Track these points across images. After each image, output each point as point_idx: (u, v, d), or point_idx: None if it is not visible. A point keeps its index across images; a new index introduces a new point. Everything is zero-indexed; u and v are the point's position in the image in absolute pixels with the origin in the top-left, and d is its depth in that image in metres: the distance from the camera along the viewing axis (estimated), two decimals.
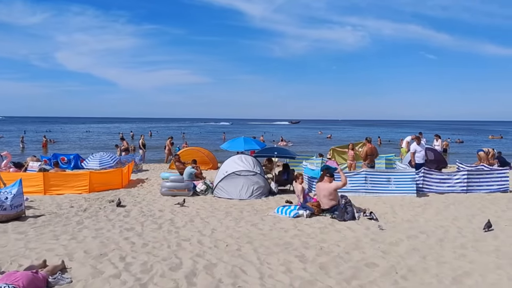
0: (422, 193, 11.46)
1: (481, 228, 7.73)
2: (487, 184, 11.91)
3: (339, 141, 26.65)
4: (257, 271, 5.46)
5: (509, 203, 10.23)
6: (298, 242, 6.77)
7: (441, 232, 7.44)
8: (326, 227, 7.83)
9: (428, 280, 5.17)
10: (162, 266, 5.59)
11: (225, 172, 11.01)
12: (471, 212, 9.15)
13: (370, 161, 12.51)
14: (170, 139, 21.92)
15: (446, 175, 11.92)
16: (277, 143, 35.37)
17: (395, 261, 5.85)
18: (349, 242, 6.80)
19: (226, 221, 8.26)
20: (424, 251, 6.34)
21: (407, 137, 19.51)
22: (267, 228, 7.69)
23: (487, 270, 5.51)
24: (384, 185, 11.23)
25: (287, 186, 12.26)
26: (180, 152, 17.50)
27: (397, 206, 9.76)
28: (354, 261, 5.87)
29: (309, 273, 5.38)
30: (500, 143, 41.89)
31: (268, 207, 9.73)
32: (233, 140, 14.46)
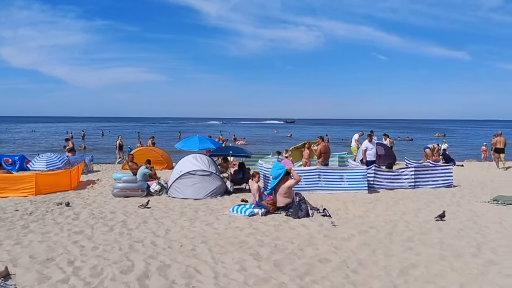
0: (373, 189, 11.86)
1: (427, 221, 8.12)
2: (433, 180, 12.52)
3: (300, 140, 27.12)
4: (212, 271, 5.42)
5: (453, 198, 10.79)
6: (253, 240, 6.80)
7: (390, 227, 7.73)
8: (281, 224, 7.91)
9: (377, 273, 5.35)
10: (113, 270, 5.42)
11: (180, 172, 10.85)
12: (418, 207, 9.57)
13: (323, 159, 12.77)
14: (152, 139, 21.58)
15: (395, 171, 12.40)
16: (231, 142, 35.24)
17: (347, 256, 6.01)
18: (303, 239, 6.91)
19: (180, 221, 8.14)
20: (374, 245, 6.55)
21: (354, 134, 20.17)
22: (222, 227, 7.66)
23: (431, 262, 5.77)
24: (337, 182, 11.51)
25: (243, 185, 12.28)
26: (133, 152, 17.06)
27: (350, 203, 10.03)
28: (307, 257, 5.97)
29: (263, 271, 5.42)
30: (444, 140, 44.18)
31: (223, 206, 9.70)
32: (187, 139, 14.28)
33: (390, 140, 21.24)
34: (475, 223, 8.01)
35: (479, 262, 5.75)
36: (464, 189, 12.21)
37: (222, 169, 13.24)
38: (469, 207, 9.55)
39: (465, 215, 8.71)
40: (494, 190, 12.03)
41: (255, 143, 42.10)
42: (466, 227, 7.71)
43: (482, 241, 6.81)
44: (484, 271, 5.41)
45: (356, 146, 19.55)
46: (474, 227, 7.74)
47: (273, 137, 54.96)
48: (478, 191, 11.87)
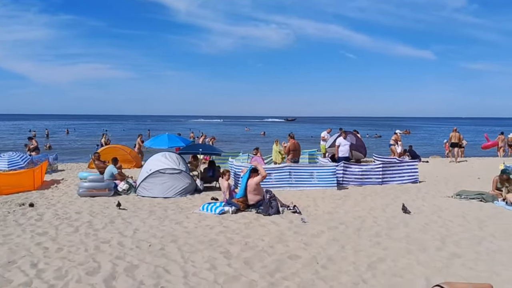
0: (342, 186, 12.03)
1: (394, 216, 8.32)
2: (399, 176, 12.83)
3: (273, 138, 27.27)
4: (181, 270, 5.35)
5: (418, 193, 11.09)
6: (223, 239, 6.75)
7: (358, 222, 7.86)
8: (251, 222, 7.90)
9: (346, 268, 5.42)
10: (78, 271, 5.26)
11: (149, 170, 10.65)
12: (385, 202, 9.78)
13: (293, 156, 12.86)
14: (140, 136, 21.06)
15: (364, 168, 12.62)
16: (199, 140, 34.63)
17: (316, 252, 6.06)
18: (273, 236, 6.92)
19: (149, 221, 8.00)
20: (343, 240, 6.64)
21: (323, 132, 20.45)
22: (192, 226, 7.58)
23: (398, 256, 5.91)
24: (308, 179, 11.61)
25: (213, 183, 12.19)
26: (100, 150, 16.62)
27: (319, 199, 10.13)
28: (277, 254, 5.99)
29: (233, 269, 5.39)
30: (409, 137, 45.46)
31: (193, 204, 9.60)
32: (156, 137, 14.04)
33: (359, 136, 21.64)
34: (440, 217, 8.25)
35: (443, 255, 5.92)
36: (429, 185, 12.57)
37: (192, 167, 13.11)
38: (434, 202, 9.84)
39: (430, 210, 8.97)
40: (457, 185, 12.45)
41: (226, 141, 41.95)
42: (431, 221, 7.93)
43: (446, 234, 7.02)
44: (448, 264, 5.58)
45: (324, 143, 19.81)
46: (439, 221, 7.98)
47: (243, 135, 54.94)
48: (442, 186, 12.24)
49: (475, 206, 9.38)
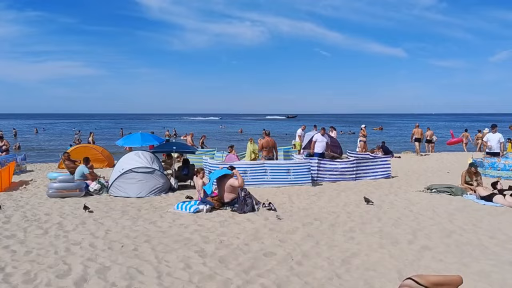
0: (317, 182, 12.14)
1: (367, 211, 8.44)
2: (372, 171, 13.04)
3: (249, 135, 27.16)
4: (155, 270, 5.26)
5: (391, 188, 11.31)
6: (198, 237, 6.69)
7: (333, 218, 7.93)
8: (226, 220, 7.86)
9: (321, 263, 5.46)
10: (48, 274, 5.10)
11: (121, 170, 10.45)
12: (359, 198, 9.91)
13: (267, 153, 12.87)
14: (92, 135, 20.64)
15: (338, 164, 12.76)
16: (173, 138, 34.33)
17: (291, 248, 6.08)
18: (249, 233, 6.91)
19: (122, 221, 7.84)
20: (318, 236, 6.69)
21: (298, 129, 20.63)
22: (166, 225, 7.47)
23: (371, 250, 5.99)
24: (284, 176, 11.64)
25: (188, 182, 12.07)
26: (71, 150, 16.21)
27: (295, 196, 10.18)
28: (253, 251, 5.97)
29: (208, 267, 5.34)
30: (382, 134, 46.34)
31: (167, 203, 9.47)
32: (129, 136, 13.79)
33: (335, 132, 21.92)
34: (411, 211, 8.43)
35: (414, 248, 6.05)
36: (401, 180, 12.83)
37: (166, 166, 12.95)
38: (406, 196, 10.05)
39: (402, 204, 9.15)
40: (428, 179, 12.76)
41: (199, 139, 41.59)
42: (403, 215, 8.09)
43: (417, 228, 7.17)
44: (419, 257, 5.70)
45: (299, 140, 19.94)
46: (410, 215, 8.14)
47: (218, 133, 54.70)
48: (413, 181, 12.52)
49: (445, 199, 9.63)
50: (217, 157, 14.47)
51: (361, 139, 21.30)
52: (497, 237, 6.58)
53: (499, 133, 14.03)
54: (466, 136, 24.75)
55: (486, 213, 8.27)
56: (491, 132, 13.96)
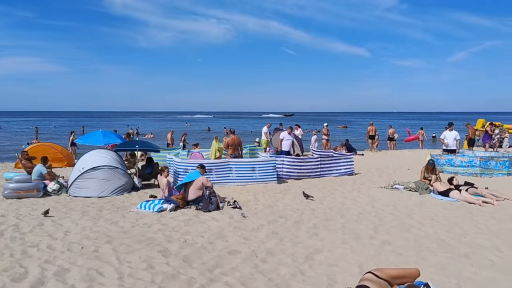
0: (282, 179, 12.22)
1: (331, 208, 8.58)
2: (336, 168, 13.26)
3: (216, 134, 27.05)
4: (116, 271, 5.13)
5: (354, 185, 11.54)
6: (162, 237, 6.59)
7: (297, 215, 8.01)
8: (191, 219, 7.78)
9: (285, 260, 5.50)
10: (3, 278, 4.87)
11: (82, 169, 10.12)
12: (323, 195, 10.06)
13: (232, 151, 12.84)
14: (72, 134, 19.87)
15: (303, 162, 12.90)
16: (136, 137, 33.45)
17: (256, 246, 6.09)
18: (213, 232, 6.86)
19: (82, 222, 7.60)
20: (282, 233, 6.74)
21: (263, 127, 20.75)
22: (128, 225, 7.31)
23: (334, 246, 6.10)
24: (249, 174, 11.64)
25: (152, 181, 11.86)
26: (28, 149, 15.55)
27: (260, 194, 10.20)
28: (217, 250, 5.94)
29: (172, 267, 5.27)
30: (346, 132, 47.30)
31: (130, 203, 9.27)
32: (89, 134, 13.37)
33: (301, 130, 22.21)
34: (373, 207, 8.64)
35: (375, 243, 6.20)
36: (364, 176, 13.12)
37: (130, 165, 12.66)
38: (368, 193, 10.28)
39: (364, 200, 9.36)
40: (390, 176, 13.12)
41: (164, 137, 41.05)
42: (365, 211, 8.28)
43: (378, 223, 7.36)
44: (380, 251, 5.85)
45: (265, 138, 20.04)
46: (372, 211, 8.34)
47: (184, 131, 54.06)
48: (376, 178, 12.84)
49: (405, 195, 9.93)
50: (181, 155, 14.28)
51: (323, 138, 21.73)
52: (453, 231, 6.85)
53: (456, 131, 14.60)
54: (422, 134, 26.29)
55: (443, 207, 8.59)
56: (448, 130, 14.50)
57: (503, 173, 12.98)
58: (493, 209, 8.40)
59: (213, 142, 13.89)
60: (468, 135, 20.33)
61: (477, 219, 7.64)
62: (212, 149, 13.53)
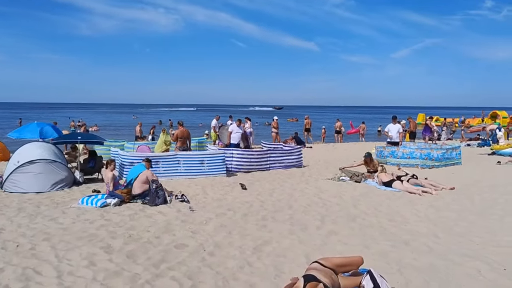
0: (232, 172, 12.16)
1: (280, 200, 8.66)
2: (285, 161, 13.40)
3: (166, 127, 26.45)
4: (55, 270, 4.86)
5: (302, 177, 11.72)
6: (105, 233, 6.31)
7: (246, 208, 7.99)
8: (137, 213, 7.53)
9: (233, 253, 5.46)
10: None
11: (17, 163, 9.47)
12: (272, 187, 10.12)
13: (181, 144, 12.60)
14: None
15: (252, 154, 12.90)
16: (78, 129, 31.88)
17: (204, 239, 6.00)
18: (160, 226, 6.68)
19: (17, 219, 7.12)
20: (230, 226, 6.69)
21: (213, 120, 20.60)
22: (68, 222, 6.94)
23: (282, 237, 6.14)
24: (198, 167, 11.47)
25: (95, 175, 11.36)
26: None
27: (209, 187, 10.09)
28: (164, 244, 5.79)
29: (115, 264, 5.06)
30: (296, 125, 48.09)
31: (71, 198, 8.81)
32: (25, 126, 12.51)
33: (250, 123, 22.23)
34: (320, 199, 8.81)
35: (322, 233, 6.32)
36: (312, 169, 13.37)
37: (71, 158, 12.04)
38: (316, 184, 10.48)
39: (312, 192, 9.52)
40: (336, 168, 13.40)
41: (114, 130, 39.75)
42: (313, 203, 8.43)
43: (325, 214, 7.51)
44: (327, 241, 5.96)
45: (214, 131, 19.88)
46: (319, 202, 8.50)
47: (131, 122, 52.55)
48: (323, 170, 13.12)
49: (351, 186, 10.22)
50: (127, 148, 13.82)
51: (273, 131, 21.95)
52: (395, 220, 7.13)
53: (399, 124, 15.23)
54: (363, 127, 27.48)
55: (386, 198, 8.93)
56: (392, 123, 15.09)
57: (442, 164, 13.71)
58: (431, 198, 8.84)
59: (161, 134, 13.55)
60: (410, 128, 21.32)
61: (417, 208, 8.00)
62: (159, 141, 13.18)
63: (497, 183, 10.51)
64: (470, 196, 9.03)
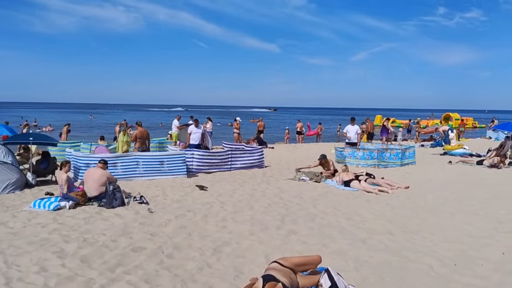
0: (192, 173, 12.03)
1: (240, 200, 8.64)
2: (247, 161, 13.41)
3: None
4: (3, 277, 4.61)
5: (263, 177, 11.76)
6: (58, 237, 6.06)
7: (206, 209, 7.92)
8: (92, 216, 7.28)
9: (192, 255, 5.39)
10: None
11: None
12: (233, 188, 10.09)
13: (140, 144, 12.33)
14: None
15: (213, 155, 12.82)
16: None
17: (163, 241, 5.89)
18: (117, 229, 6.49)
19: None
20: (190, 228, 6.60)
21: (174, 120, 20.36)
22: (19, 226, 6.61)
23: (242, 238, 6.12)
24: (157, 168, 11.26)
25: (48, 177, 10.89)
26: None
27: (168, 188, 9.92)
28: (120, 248, 5.62)
29: (68, 269, 4.86)
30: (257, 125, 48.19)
31: (22, 201, 8.39)
32: None
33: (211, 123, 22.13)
34: (281, 199, 8.87)
35: (282, 233, 6.36)
36: (273, 169, 13.45)
37: (23, 159, 11.50)
38: (277, 185, 10.55)
39: (273, 192, 9.58)
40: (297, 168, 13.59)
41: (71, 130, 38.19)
42: (273, 203, 8.47)
43: (285, 214, 7.57)
44: (286, 241, 6.01)
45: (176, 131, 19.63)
46: (280, 202, 8.56)
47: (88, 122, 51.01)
48: (285, 170, 13.23)
49: (311, 186, 10.37)
50: (83, 149, 13.36)
51: (235, 131, 21.96)
52: (352, 218, 7.29)
53: (357, 125, 15.62)
54: (320, 128, 28.15)
55: (344, 197, 9.12)
56: (350, 125, 15.45)
57: (397, 163, 14.18)
58: (388, 197, 9.12)
59: (120, 135, 13.21)
60: (367, 129, 21.90)
61: (373, 206, 8.23)
62: (119, 142, 12.85)
63: (448, 182, 11.00)
64: (423, 194, 9.39)
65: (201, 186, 9.92)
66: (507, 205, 8.31)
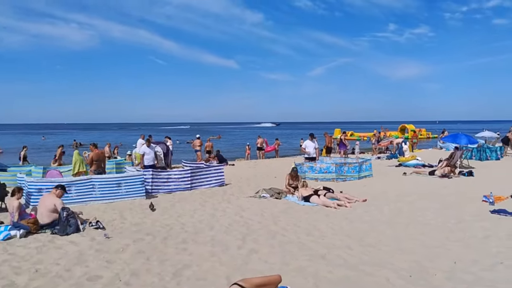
0: (151, 194, 11.80)
1: (201, 221, 8.56)
2: (207, 180, 13.32)
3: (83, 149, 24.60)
4: None
5: (224, 195, 11.71)
6: (7, 269, 5.74)
7: (165, 231, 7.78)
8: (45, 245, 6.96)
9: (151, 280, 5.26)
10: None
11: None
12: (193, 208, 9.97)
13: (96, 167, 11.98)
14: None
15: (172, 174, 12.65)
16: None
17: (120, 268, 5.71)
18: (71, 257, 6.24)
19: None
20: (149, 252, 6.45)
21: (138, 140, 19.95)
22: None
23: (203, 259, 6.05)
24: (114, 190, 10.96)
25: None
26: None
27: (127, 211, 9.67)
28: (75, 277, 5.40)
29: None
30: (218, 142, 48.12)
31: None
32: None
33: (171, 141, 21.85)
34: (242, 217, 8.86)
35: (243, 253, 6.34)
36: (234, 187, 13.43)
37: None
38: (238, 203, 10.53)
39: (234, 211, 9.55)
40: (258, 184, 13.64)
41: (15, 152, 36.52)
42: (234, 222, 8.44)
43: (246, 233, 7.56)
44: (247, 260, 5.99)
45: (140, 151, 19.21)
46: (241, 221, 8.55)
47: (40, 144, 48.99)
48: (245, 187, 13.23)
49: (271, 203, 10.43)
50: (35, 173, 12.80)
51: (197, 149, 21.79)
52: (312, 234, 7.39)
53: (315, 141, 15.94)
54: (277, 144, 28.04)
55: (304, 212, 9.24)
56: (309, 140, 15.74)
57: (355, 177, 14.56)
58: (346, 211, 9.32)
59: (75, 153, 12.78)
60: (326, 144, 22.38)
61: (332, 221, 8.38)
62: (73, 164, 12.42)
63: (402, 193, 11.41)
64: (379, 206, 9.67)
65: (151, 206, 9.87)
66: (457, 215, 8.71)
